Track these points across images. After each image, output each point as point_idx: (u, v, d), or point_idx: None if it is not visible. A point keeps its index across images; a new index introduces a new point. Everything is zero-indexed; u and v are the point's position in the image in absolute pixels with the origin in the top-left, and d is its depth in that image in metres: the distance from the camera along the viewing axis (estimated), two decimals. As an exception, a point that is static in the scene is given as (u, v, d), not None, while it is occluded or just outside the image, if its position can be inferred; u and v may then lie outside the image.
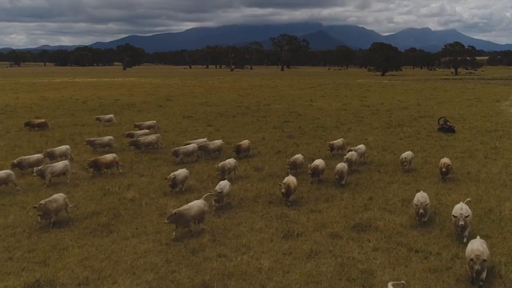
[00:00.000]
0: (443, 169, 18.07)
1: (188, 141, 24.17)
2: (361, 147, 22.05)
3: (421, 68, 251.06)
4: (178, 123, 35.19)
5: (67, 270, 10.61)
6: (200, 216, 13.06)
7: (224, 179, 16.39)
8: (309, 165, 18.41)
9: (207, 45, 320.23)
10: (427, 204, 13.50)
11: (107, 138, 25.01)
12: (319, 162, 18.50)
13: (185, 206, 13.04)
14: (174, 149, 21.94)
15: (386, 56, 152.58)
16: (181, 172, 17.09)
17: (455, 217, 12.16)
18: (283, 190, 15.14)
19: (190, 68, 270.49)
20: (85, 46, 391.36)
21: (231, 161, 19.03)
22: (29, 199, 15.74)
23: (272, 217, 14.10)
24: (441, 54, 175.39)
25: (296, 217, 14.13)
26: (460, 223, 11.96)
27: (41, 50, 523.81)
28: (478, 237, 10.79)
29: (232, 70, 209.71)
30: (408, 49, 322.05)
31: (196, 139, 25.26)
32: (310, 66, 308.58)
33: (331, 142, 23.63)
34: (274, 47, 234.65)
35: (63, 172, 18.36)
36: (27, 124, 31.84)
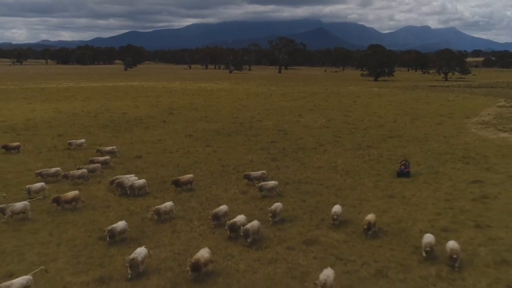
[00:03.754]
0: (365, 226, 19.73)
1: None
2: (272, 183, 25.75)
3: (416, 71, 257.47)
4: (181, 143, 41.21)
5: (117, 270, 16.74)
6: None
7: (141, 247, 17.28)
8: (227, 221, 20.03)
9: (207, 45, 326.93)
10: (326, 283, 14.83)
11: (53, 170, 28.81)
12: (238, 218, 20.10)
13: (7, 283, 13.93)
14: (117, 181, 25.70)
15: (379, 61, 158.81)
16: (120, 224, 19.35)
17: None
18: (188, 268, 15.93)
19: (190, 68, 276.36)
20: (86, 44, 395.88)
21: (167, 205, 21.71)
22: (77, 218, 21.89)
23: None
24: (434, 59, 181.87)
25: (266, 234, 20.25)
26: None
27: (42, 47, 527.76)
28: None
29: (231, 72, 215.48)
30: (404, 51, 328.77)
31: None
32: (308, 66, 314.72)
33: (247, 173, 27.79)
34: (272, 49, 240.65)
35: (22, 211, 21.65)
36: (3, 147, 35.97)
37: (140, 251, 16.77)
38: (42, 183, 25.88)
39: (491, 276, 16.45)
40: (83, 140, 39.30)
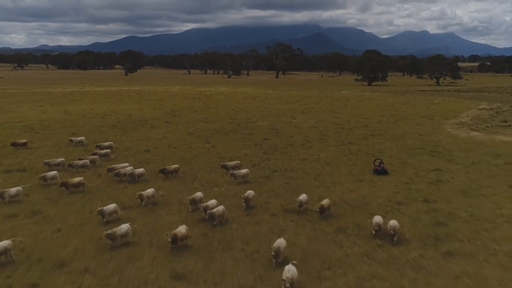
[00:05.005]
0: (318, 209, 23.33)
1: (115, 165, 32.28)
2: (244, 171, 30.57)
3: (411, 76, 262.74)
4: (184, 140, 46.19)
5: (140, 227, 21.72)
6: (3, 253, 18.07)
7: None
8: (202, 205, 23.54)
9: (206, 50, 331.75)
10: (279, 248, 17.98)
11: (58, 160, 33.68)
12: (210, 202, 23.64)
13: None
14: (115, 171, 30.45)
15: (372, 67, 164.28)
16: (111, 206, 22.48)
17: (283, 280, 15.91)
18: (169, 239, 19.21)
19: (189, 73, 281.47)
20: (87, 50, 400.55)
21: (149, 191, 25.32)
22: (102, 195, 26.98)
23: (241, 211, 25.10)
24: (427, 65, 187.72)
25: (256, 204, 25.27)
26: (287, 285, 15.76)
27: (41, 51, 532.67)
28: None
29: (229, 76, 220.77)
30: (400, 56, 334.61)
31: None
32: (306, 71, 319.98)
33: (224, 163, 32.62)
34: (269, 54, 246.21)
35: (16, 195, 25.73)
36: (12, 144, 40.25)
37: (122, 227, 20.23)
38: (55, 172, 30.45)
39: (425, 232, 21.50)
40: (82, 138, 43.94)
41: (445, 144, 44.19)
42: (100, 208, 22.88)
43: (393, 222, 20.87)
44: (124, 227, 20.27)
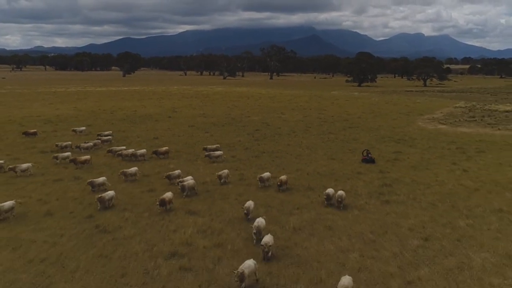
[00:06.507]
0: (278, 183, 28.12)
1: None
2: (219, 153, 37.02)
3: (402, 77, 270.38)
4: (186, 130, 53.13)
5: (158, 186, 28.61)
6: (9, 210, 22.74)
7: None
8: (177, 181, 28.04)
9: (201, 51, 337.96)
10: (249, 208, 22.88)
11: (65, 143, 40.10)
12: (187, 178, 28.16)
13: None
14: (117, 152, 37.81)
15: (362, 69, 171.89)
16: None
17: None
18: (157, 203, 23.73)
19: (185, 74, 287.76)
20: (84, 51, 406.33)
21: (132, 169, 30.61)
22: (125, 167, 33.74)
23: (236, 177, 32.00)
24: (414, 67, 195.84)
25: (248, 175, 32.22)
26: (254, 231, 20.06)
27: (36, 53, 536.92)
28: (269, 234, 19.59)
29: (225, 78, 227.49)
30: (391, 58, 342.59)
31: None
32: (299, 73, 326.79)
33: (205, 146, 39.22)
34: (263, 56, 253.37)
35: (25, 170, 30.93)
36: (24, 133, 46.49)
37: (108, 193, 24.88)
38: (69, 153, 36.44)
39: (373, 190, 28.58)
40: (84, 128, 50.87)
41: (411, 134, 51.36)
42: (90, 180, 27.82)
43: (340, 192, 25.40)
44: (110, 193, 25.00)
